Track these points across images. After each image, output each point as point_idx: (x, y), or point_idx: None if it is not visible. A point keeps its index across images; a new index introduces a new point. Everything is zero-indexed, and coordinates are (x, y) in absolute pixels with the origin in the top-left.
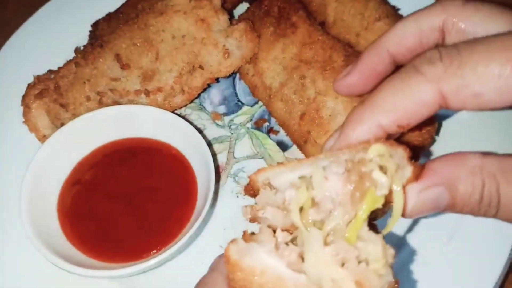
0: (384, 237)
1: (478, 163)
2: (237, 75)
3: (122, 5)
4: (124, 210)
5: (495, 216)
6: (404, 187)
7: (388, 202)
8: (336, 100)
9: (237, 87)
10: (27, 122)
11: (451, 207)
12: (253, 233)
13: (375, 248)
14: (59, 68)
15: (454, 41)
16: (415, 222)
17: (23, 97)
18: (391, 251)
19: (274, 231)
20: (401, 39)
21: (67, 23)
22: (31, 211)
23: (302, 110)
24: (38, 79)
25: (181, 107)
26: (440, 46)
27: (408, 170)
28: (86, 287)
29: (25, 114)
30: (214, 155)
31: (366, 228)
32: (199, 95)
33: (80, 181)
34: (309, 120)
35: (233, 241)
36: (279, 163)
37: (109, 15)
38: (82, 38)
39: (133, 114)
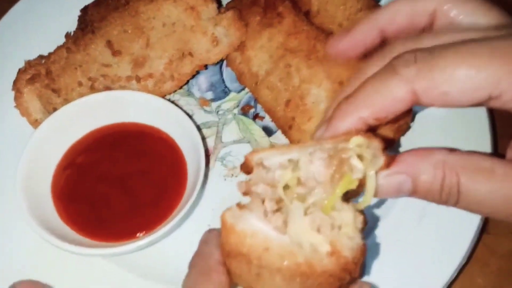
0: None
1: (441, 158)
2: (224, 62)
3: None
4: (116, 192)
5: (455, 205)
6: (376, 173)
7: (362, 185)
8: (319, 88)
9: (224, 74)
10: (18, 107)
11: (414, 194)
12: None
13: (347, 214)
14: (50, 53)
15: (442, 27)
16: (389, 205)
17: (15, 82)
18: (360, 217)
19: (263, 203)
20: (394, 18)
21: (56, 7)
22: (26, 193)
23: (287, 97)
24: (29, 64)
25: (170, 93)
26: (416, 49)
27: (381, 159)
28: (81, 265)
29: (16, 98)
30: (202, 139)
31: (340, 202)
32: (187, 81)
33: (73, 165)
34: (294, 107)
35: (228, 208)
36: (271, 147)
37: (98, 0)
38: (71, 23)
39: (124, 99)
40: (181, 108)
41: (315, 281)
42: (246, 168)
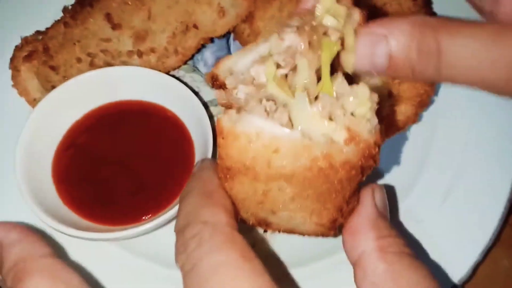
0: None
1: (420, 17)
2: (231, 36)
3: None
4: (121, 174)
5: (436, 75)
6: (355, 31)
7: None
8: None
9: (232, 47)
10: (16, 86)
11: (390, 60)
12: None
13: (363, 91)
14: (47, 28)
15: None
16: (411, 184)
17: (11, 60)
18: (374, 95)
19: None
20: None
21: None
22: (26, 177)
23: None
24: (26, 40)
25: (174, 69)
26: None
27: (356, 14)
28: (87, 249)
29: (14, 77)
30: (210, 117)
31: (344, 82)
32: (192, 56)
33: (74, 145)
34: None
35: (224, 112)
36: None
37: None
38: None
39: (126, 75)
40: (186, 84)
41: (333, 180)
42: (218, 84)
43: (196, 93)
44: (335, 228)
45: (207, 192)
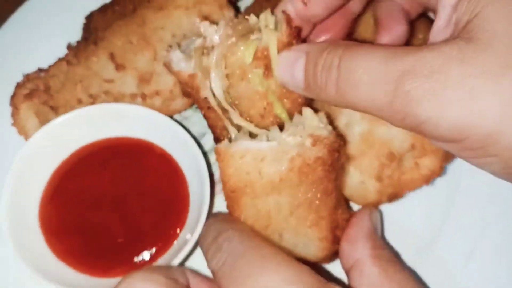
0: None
1: (335, 41)
2: None
3: None
4: (112, 218)
5: (338, 91)
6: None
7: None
8: None
9: None
10: (15, 124)
11: (305, 72)
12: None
13: (307, 112)
14: (50, 66)
15: None
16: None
17: (12, 97)
18: (321, 113)
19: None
20: None
21: (59, 14)
22: (13, 226)
23: None
24: (28, 78)
25: (180, 112)
26: None
27: (284, 26)
28: None
29: (13, 115)
30: (212, 164)
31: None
32: None
33: (61, 190)
34: None
35: (219, 143)
36: None
37: (105, 6)
38: (75, 31)
39: (119, 113)
40: (185, 127)
41: (314, 178)
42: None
43: (202, 135)
44: (338, 239)
45: (228, 218)
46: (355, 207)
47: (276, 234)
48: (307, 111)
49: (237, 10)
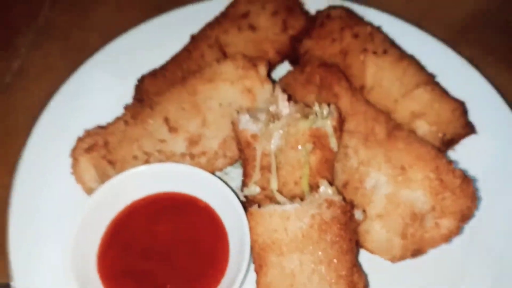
0: None
1: None
2: None
3: (167, 63)
4: (161, 267)
5: None
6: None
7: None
8: (379, 172)
9: None
10: (74, 174)
11: None
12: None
13: (324, 185)
14: (108, 124)
15: None
16: None
17: (73, 150)
18: (332, 188)
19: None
20: None
21: (113, 76)
22: (76, 271)
23: (344, 179)
24: (88, 133)
25: (221, 170)
26: None
27: (335, 115)
28: None
29: (73, 166)
30: None
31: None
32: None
33: (117, 239)
34: (353, 189)
35: (251, 206)
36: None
37: (155, 71)
38: (127, 92)
39: (170, 171)
40: (228, 184)
41: (331, 234)
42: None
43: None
44: None
45: None
46: (378, 260)
47: None
48: (324, 182)
49: (273, 82)
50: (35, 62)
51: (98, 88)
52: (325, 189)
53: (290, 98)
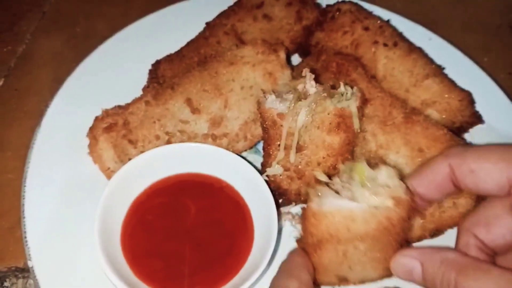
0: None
1: (447, 255)
2: None
3: (183, 48)
4: (186, 246)
5: None
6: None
7: None
8: (398, 155)
9: None
10: (92, 154)
11: (422, 280)
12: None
13: (388, 171)
14: (128, 104)
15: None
16: None
17: (91, 129)
18: (396, 170)
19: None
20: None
21: (128, 61)
22: (105, 251)
23: None
24: (107, 113)
25: (241, 152)
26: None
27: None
28: None
29: (91, 146)
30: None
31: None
32: (257, 142)
33: (141, 220)
34: None
35: (309, 201)
36: None
37: (170, 56)
38: (141, 75)
39: (194, 151)
40: (252, 164)
41: (393, 233)
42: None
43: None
44: None
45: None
46: None
47: (347, 268)
48: (389, 170)
49: (292, 68)
50: (40, 48)
51: (112, 72)
52: (387, 177)
53: (316, 80)
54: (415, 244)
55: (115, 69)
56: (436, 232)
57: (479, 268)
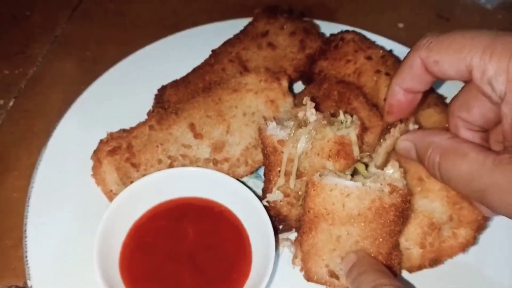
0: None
1: (434, 139)
2: None
3: (189, 74)
4: (184, 269)
5: (441, 177)
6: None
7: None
8: None
9: None
10: (95, 176)
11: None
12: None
13: (394, 165)
14: (132, 128)
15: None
16: None
17: (95, 152)
18: (401, 168)
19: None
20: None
21: (134, 86)
22: (103, 273)
23: None
24: (111, 136)
25: (242, 177)
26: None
27: (358, 124)
28: None
29: (95, 168)
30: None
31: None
32: (258, 167)
33: (140, 243)
34: None
35: (312, 176)
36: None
37: (176, 82)
38: (147, 99)
39: (194, 176)
40: (250, 188)
41: (385, 221)
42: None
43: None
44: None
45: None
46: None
47: (338, 257)
48: (394, 164)
49: (294, 96)
50: (51, 70)
51: (119, 96)
52: (392, 171)
53: (316, 108)
54: (415, 273)
55: (122, 92)
56: (436, 261)
57: (458, 152)
